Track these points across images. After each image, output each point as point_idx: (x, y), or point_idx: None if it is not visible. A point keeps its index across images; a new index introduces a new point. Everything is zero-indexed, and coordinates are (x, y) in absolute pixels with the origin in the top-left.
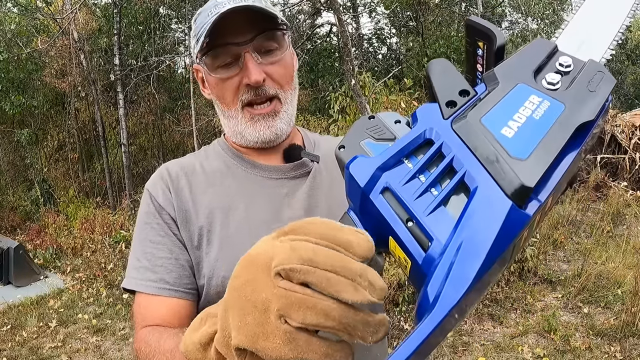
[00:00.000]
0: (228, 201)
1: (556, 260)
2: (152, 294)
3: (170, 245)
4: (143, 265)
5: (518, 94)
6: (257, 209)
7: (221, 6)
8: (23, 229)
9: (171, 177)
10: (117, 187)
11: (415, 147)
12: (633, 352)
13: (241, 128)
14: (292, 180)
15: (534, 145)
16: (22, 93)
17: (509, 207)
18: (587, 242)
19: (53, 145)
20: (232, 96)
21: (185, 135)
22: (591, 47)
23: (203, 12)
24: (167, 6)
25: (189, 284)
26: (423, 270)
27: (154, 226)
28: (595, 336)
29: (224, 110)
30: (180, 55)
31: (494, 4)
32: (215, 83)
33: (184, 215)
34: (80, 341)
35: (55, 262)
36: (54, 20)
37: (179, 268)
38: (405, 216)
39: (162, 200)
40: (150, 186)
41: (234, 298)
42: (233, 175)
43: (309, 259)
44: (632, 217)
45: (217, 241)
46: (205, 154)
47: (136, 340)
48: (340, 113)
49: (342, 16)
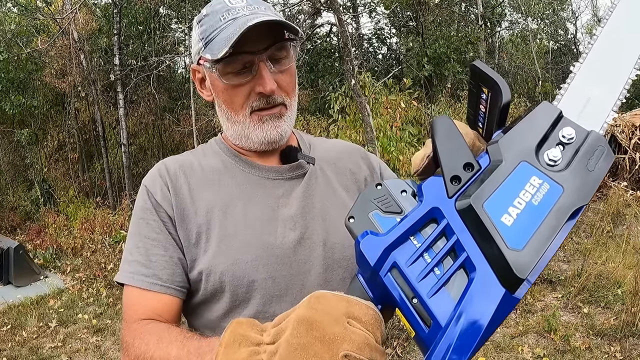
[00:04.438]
0: (226, 200)
1: (556, 260)
2: (145, 289)
3: (165, 242)
4: (136, 259)
5: (520, 174)
6: (254, 208)
7: (235, 12)
8: (23, 229)
9: (170, 175)
10: (117, 187)
11: (421, 225)
12: (633, 352)
13: (248, 131)
14: (288, 181)
15: (530, 235)
16: (22, 93)
17: (502, 294)
18: (587, 242)
19: (53, 145)
20: (242, 102)
21: (185, 135)
22: (595, 108)
23: (212, 14)
24: (167, 6)
25: (181, 281)
26: (426, 343)
27: (150, 222)
28: (595, 336)
29: (230, 115)
30: (180, 55)
31: (494, 4)
32: (224, 88)
33: (181, 213)
34: (80, 341)
35: (55, 262)
36: (54, 20)
37: (172, 265)
38: (410, 294)
39: (160, 197)
40: (148, 182)
41: (295, 357)
42: (231, 174)
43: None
44: (632, 217)
45: (215, 239)
46: (203, 153)
47: (127, 334)
48: (340, 113)
49: (342, 16)
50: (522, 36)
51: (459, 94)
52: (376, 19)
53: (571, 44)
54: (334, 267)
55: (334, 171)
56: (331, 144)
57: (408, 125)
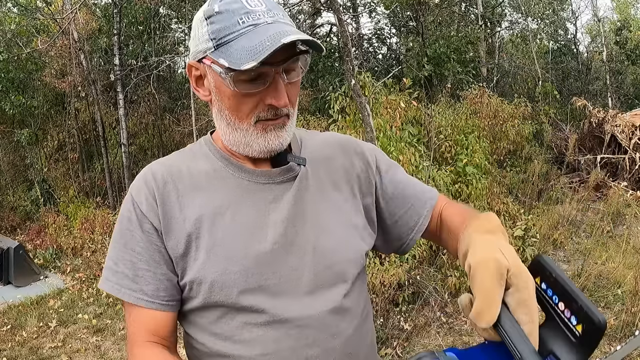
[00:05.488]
0: (215, 206)
1: (556, 260)
2: (133, 304)
3: (148, 257)
4: (122, 271)
5: None
6: (242, 214)
7: (255, 17)
8: (23, 229)
9: (157, 182)
10: (117, 187)
11: None
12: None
13: (250, 140)
14: (279, 185)
15: None
16: (22, 93)
17: None
18: (587, 242)
19: (53, 145)
20: (249, 111)
21: (185, 135)
22: None
23: (227, 14)
24: (167, 6)
25: (166, 296)
26: None
27: (135, 235)
28: None
29: (232, 122)
30: (180, 55)
31: (494, 4)
32: (232, 95)
33: (168, 224)
34: (80, 341)
35: (55, 262)
36: (54, 20)
37: (156, 281)
38: None
39: (146, 208)
40: (134, 191)
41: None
42: (220, 178)
43: None
44: (632, 217)
45: (204, 248)
46: (192, 154)
47: (130, 358)
48: (340, 113)
49: (342, 16)
50: (522, 36)
51: (459, 94)
52: (376, 19)
53: (571, 44)
54: (324, 272)
55: (326, 170)
56: (322, 139)
57: (408, 125)
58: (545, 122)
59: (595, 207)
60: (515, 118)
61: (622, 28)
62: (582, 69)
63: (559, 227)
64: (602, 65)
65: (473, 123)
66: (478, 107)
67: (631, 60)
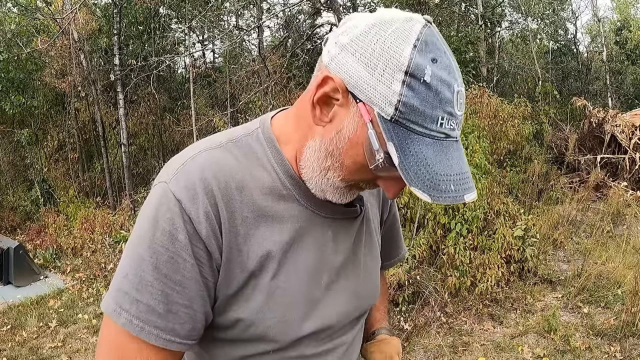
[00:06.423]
0: (283, 242)
1: (556, 260)
2: (156, 345)
3: (191, 291)
4: (147, 302)
5: None
6: (304, 253)
7: (449, 126)
8: (23, 229)
9: (221, 194)
10: (117, 187)
11: None
12: (633, 352)
13: (331, 191)
14: (337, 222)
15: None
16: (22, 93)
17: None
18: (587, 242)
19: (53, 145)
20: (355, 177)
21: (185, 135)
22: None
23: (434, 95)
24: (167, 6)
25: (197, 335)
26: None
27: (177, 260)
28: (595, 336)
29: (334, 170)
30: (180, 55)
31: (494, 4)
32: (362, 163)
33: (230, 256)
34: (80, 341)
35: (55, 262)
36: (54, 20)
37: (193, 320)
38: None
39: (206, 232)
40: (183, 196)
41: None
42: (284, 201)
43: None
44: (632, 217)
45: (264, 290)
46: (253, 156)
47: None
48: None
49: (342, 16)
50: (522, 36)
51: None
52: None
53: (571, 44)
54: (352, 313)
55: (372, 209)
56: None
57: None
58: (545, 122)
59: (595, 207)
60: (515, 118)
61: (622, 28)
62: (582, 69)
63: (559, 227)
64: (602, 65)
65: (473, 123)
66: (478, 107)
67: (631, 60)
